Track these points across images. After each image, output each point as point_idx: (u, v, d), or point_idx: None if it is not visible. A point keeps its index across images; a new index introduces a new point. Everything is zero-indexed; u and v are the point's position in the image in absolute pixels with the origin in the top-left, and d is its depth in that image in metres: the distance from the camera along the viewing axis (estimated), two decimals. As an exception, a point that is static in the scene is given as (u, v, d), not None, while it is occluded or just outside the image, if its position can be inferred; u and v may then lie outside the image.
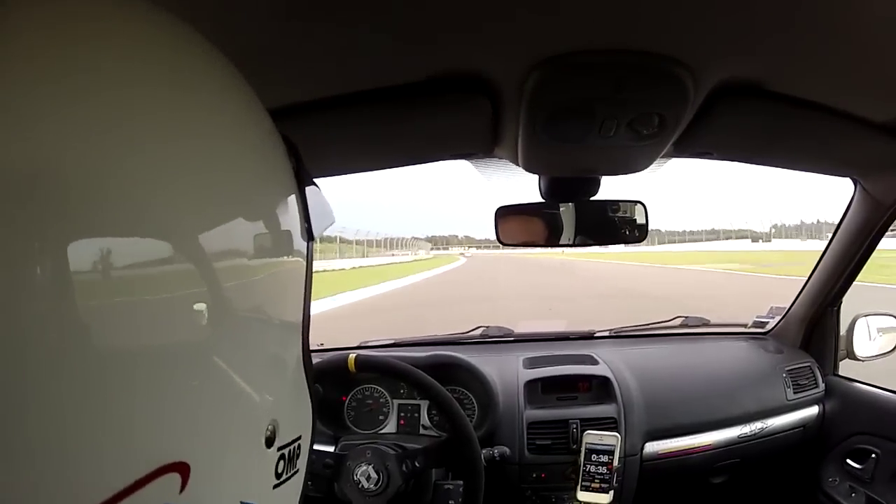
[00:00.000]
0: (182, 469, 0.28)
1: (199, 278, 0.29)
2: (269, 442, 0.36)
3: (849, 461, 1.27)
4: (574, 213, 1.06)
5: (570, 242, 1.06)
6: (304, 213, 0.40)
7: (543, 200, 1.05)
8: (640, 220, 1.07)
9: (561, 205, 1.06)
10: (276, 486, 0.37)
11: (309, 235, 0.40)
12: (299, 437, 0.41)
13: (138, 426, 0.27)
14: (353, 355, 0.95)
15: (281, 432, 0.37)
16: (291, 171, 0.39)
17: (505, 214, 1.08)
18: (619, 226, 1.08)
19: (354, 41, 0.58)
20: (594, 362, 1.34)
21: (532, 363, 1.35)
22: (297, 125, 0.75)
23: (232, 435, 0.32)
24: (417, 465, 0.92)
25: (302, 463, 0.42)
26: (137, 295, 0.27)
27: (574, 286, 14.71)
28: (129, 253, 0.26)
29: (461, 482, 0.98)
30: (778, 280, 12.61)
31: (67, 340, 0.24)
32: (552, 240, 1.07)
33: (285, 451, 0.38)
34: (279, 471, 0.37)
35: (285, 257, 0.38)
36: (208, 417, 0.31)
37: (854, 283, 1.34)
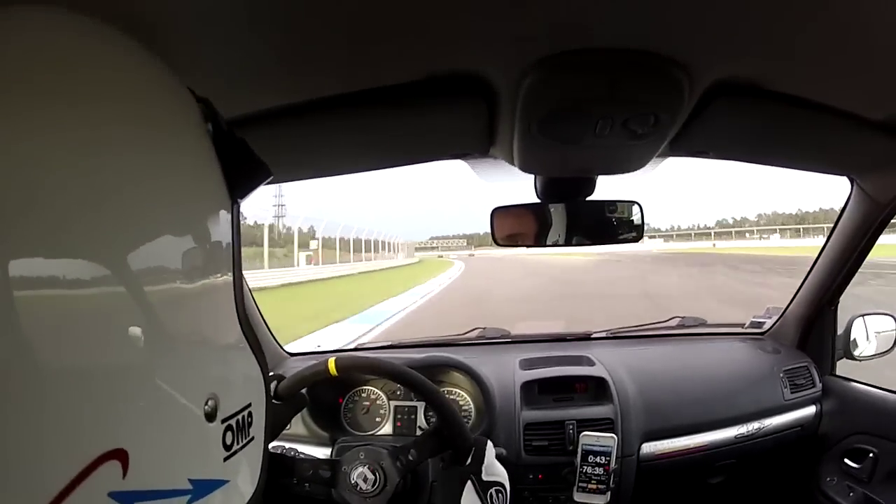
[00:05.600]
0: (120, 456, 0.29)
1: (119, 269, 0.30)
2: (211, 416, 0.36)
3: (846, 460, 1.27)
4: (570, 213, 1.06)
5: (567, 242, 1.06)
6: (228, 174, 0.40)
7: (539, 201, 1.05)
8: (637, 220, 1.07)
9: (557, 205, 1.05)
10: (227, 458, 0.37)
11: (233, 195, 0.40)
12: (248, 406, 0.40)
13: (69, 422, 0.27)
14: (332, 359, 0.94)
15: (223, 405, 0.37)
16: (204, 135, 0.39)
17: (501, 215, 1.08)
18: (616, 226, 1.07)
19: (350, 43, 0.58)
20: (591, 363, 1.33)
21: (528, 364, 1.34)
22: (294, 126, 0.76)
23: (167, 414, 0.32)
24: (411, 458, 0.92)
25: (256, 430, 0.41)
26: (63, 298, 0.27)
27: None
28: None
29: None
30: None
31: None
32: (548, 240, 1.07)
33: (232, 422, 0.38)
34: (228, 442, 0.37)
35: (201, 224, 0.37)
36: (138, 400, 0.30)
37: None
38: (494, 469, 0.92)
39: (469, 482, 0.89)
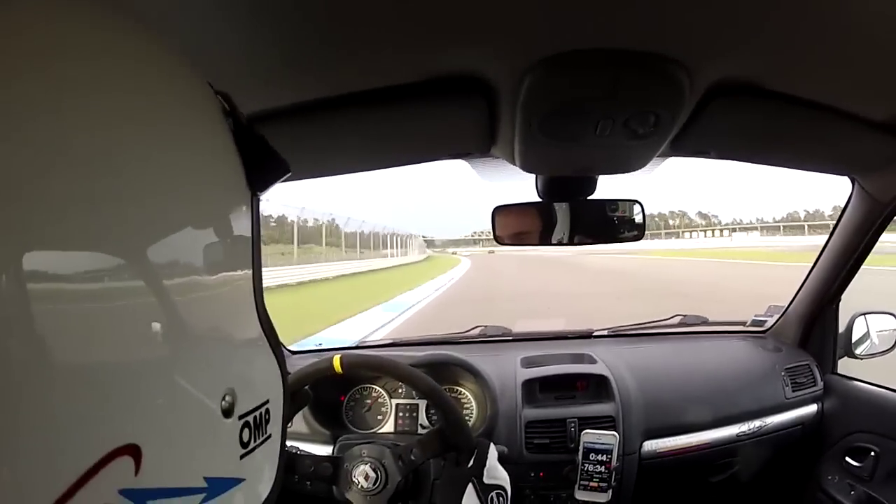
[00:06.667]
0: (133, 452, 0.28)
1: (137, 262, 0.29)
2: (228, 412, 0.35)
3: (848, 459, 1.27)
4: (572, 212, 1.06)
5: (569, 242, 1.06)
6: (247, 168, 0.40)
7: (541, 200, 1.05)
8: (638, 219, 1.07)
9: (558, 204, 1.06)
10: (244, 456, 0.36)
11: (252, 189, 0.40)
12: (266, 402, 0.39)
13: (81, 416, 0.26)
14: (337, 356, 0.95)
15: (240, 400, 0.36)
16: (223, 128, 0.39)
17: (502, 214, 1.08)
18: (617, 225, 1.08)
19: (352, 43, 0.58)
20: (592, 361, 1.34)
21: (530, 362, 1.35)
22: (295, 126, 0.76)
23: (183, 411, 0.32)
24: (413, 458, 0.92)
25: (274, 428, 0.40)
26: (76, 292, 0.26)
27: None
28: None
29: None
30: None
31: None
32: (549, 239, 1.07)
33: (249, 419, 0.37)
34: (245, 440, 0.36)
35: (221, 217, 0.36)
36: (152, 396, 0.30)
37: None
38: (496, 472, 0.92)
39: (470, 485, 0.89)
